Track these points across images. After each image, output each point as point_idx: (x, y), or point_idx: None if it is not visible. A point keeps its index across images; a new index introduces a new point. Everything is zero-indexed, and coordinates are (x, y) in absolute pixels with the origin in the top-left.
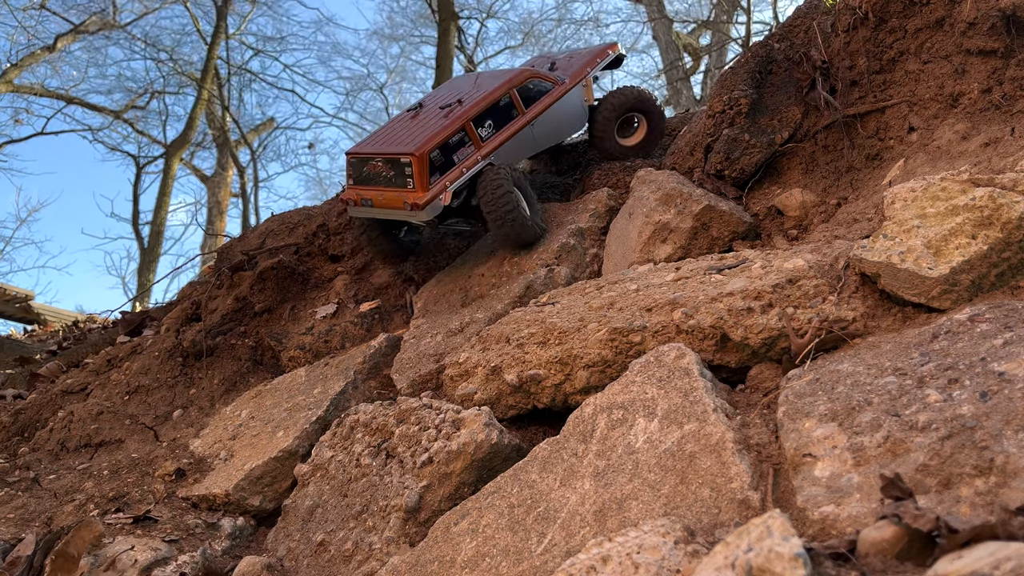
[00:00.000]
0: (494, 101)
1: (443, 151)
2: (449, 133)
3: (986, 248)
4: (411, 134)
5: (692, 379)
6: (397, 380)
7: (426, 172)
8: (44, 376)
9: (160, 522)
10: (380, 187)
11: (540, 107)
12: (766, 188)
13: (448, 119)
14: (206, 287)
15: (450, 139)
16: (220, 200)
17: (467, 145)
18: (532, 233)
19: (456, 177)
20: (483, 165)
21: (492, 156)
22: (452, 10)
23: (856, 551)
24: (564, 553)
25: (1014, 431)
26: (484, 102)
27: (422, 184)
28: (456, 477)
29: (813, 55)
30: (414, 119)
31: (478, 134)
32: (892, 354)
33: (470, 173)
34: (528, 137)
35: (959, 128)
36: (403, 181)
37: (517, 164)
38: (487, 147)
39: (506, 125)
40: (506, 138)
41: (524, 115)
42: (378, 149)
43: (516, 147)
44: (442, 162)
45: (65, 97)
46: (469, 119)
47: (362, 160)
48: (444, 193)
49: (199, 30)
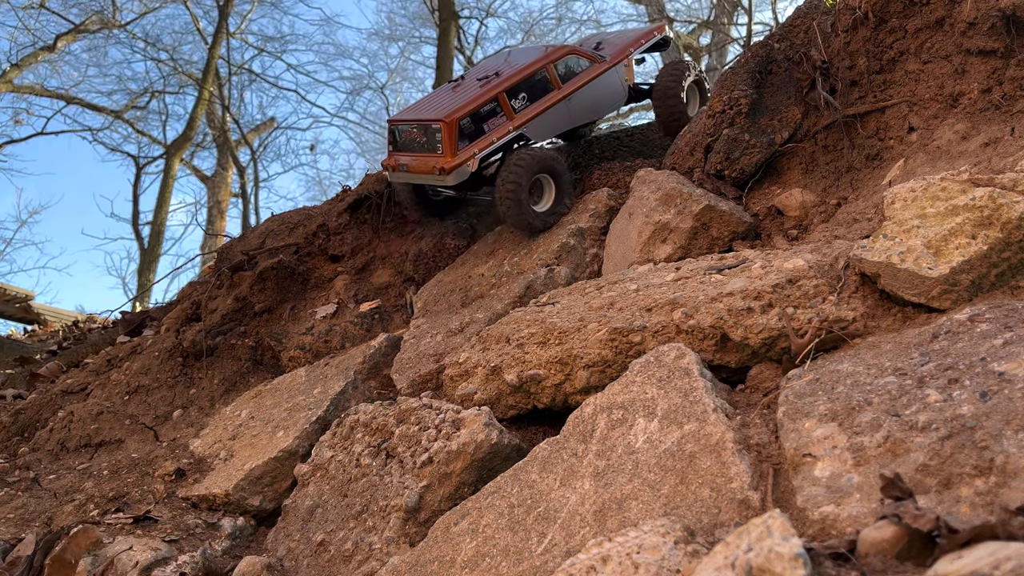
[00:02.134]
0: (529, 75)
1: (474, 120)
2: (481, 103)
3: (986, 248)
4: (446, 102)
5: (692, 379)
6: (397, 380)
7: (455, 138)
8: (44, 376)
9: (160, 522)
10: (414, 152)
11: (577, 83)
12: (766, 188)
13: (482, 89)
14: (206, 287)
15: (481, 108)
16: (220, 200)
17: (499, 115)
18: (527, 224)
19: (485, 145)
20: (514, 136)
21: (525, 128)
22: (453, 9)
23: (856, 551)
24: (564, 553)
25: (1014, 431)
26: (519, 75)
27: (450, 149)
28: (456, 477)
29: (813, 55)
30: (454, 90)
31: (511, 105)
32: (892, 354)
33: (500, 142)
34: (563, 112)
35: (959, 128)
36: (433, 146)
37: (551, 137)
38: (519, 119)
39: (541, 99)
40: (540, 111)
41: (560, 90)
42: (414, 116)
43: (550, 121)
44: (472, 130)
45: (65, 97)
46: (502, 90)
47: (400, 127)
48: (471, 160)
49: (199, 29)
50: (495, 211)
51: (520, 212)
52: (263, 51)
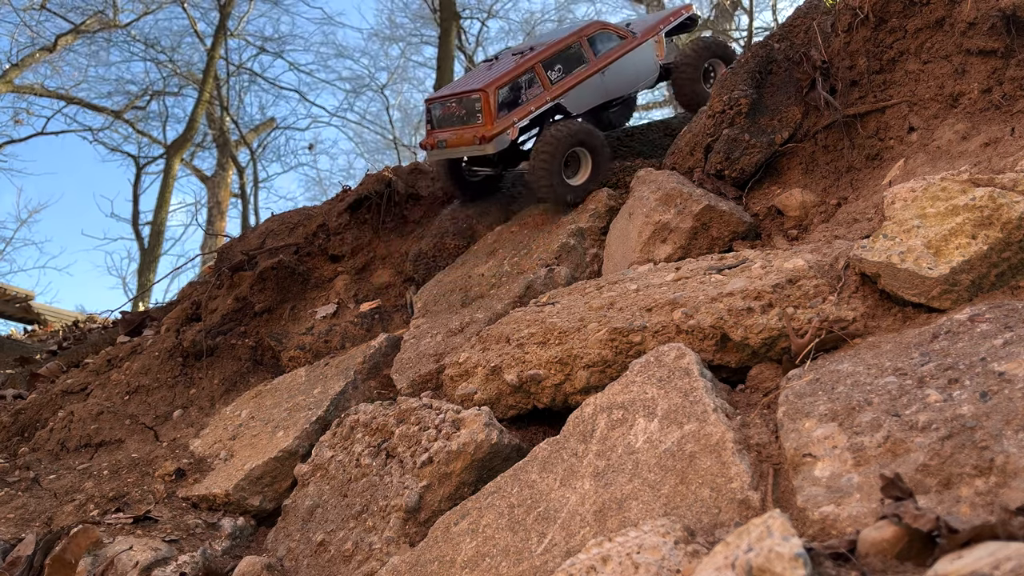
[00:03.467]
0: (564, 47)
1: (513, 91)
2: (518, 73)
3: (986, 248)
4: (484, 76)
5: (692, 379)
6: (397, 380)
7: (494, 107)
8: (44, 376)
9: (160, 522)
10: (453, 127)
11: (610, 57)
12: (766, 188)
13: (518, 62)
14: (206, 287)
15: (519, 79)
16: (220, 200)
17: (536, 86)
18: (559, 197)
19: (524, 114)
20: (551, 105)
21: (562, 99)
22: (454, 10)
23: (856, 551)
24: (564, 553)
25: (1014, 431)
26: (554, 48)
27: (490, 118)
28: (456, 477)
29: (813, 55)
30: (489, 68)
31: (548, 76)
32: (892, 354)
33: (538, 111)
34: (598, 84)
35: (959, 128)
36: (473, 117)
37: (587, 109)
38: (556, 89)
39: (575, 71)
40: (575, 83)
41: (593, 63)
42: (452, 91)
43: (586, 93)
44: (511, 100)
45: (65, 97)
46: (539, 61)
47: (437, 105)
48: (511, 128)
49: (196, 32)
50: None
51: (553, 184)
52: (263, 50)
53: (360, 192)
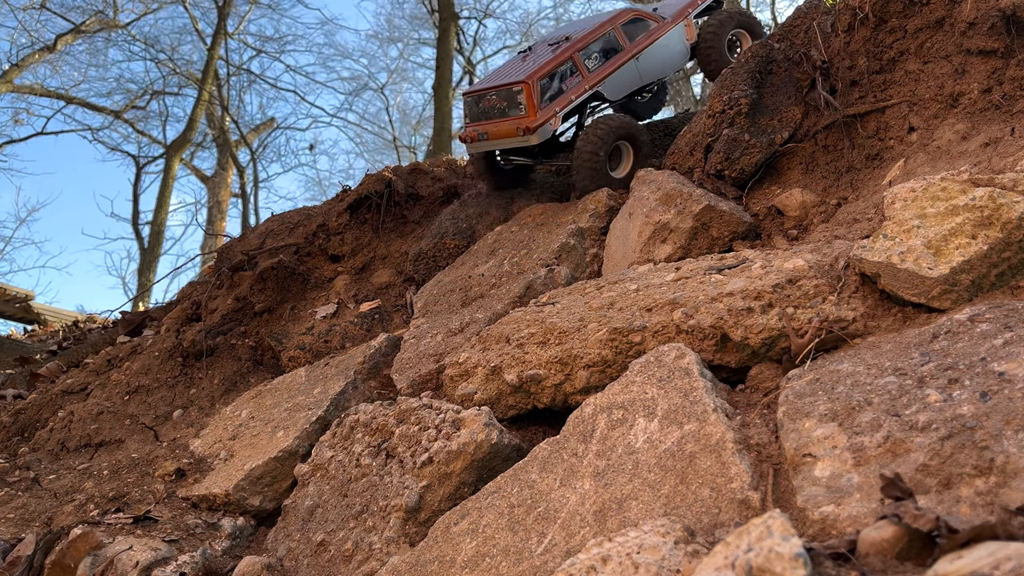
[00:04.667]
0: (599, 36)
1: (552, 81)
2: (558, 63)
3: (986, 248)
4: (522, 68)
5: (692, 379)
6: (397, 380)
7: (537, 97)
8: (44, 376)
9: (160, 522)
10: (494, 120)
11: (644, 43)
12: (766, 188)
13: (556, 52)
14: (206, 287)
15: (558, 69)
16: (220, 200)
17: (575, 75)
18: (596, 191)
19: (565, 104)
20: (591, 93)
21: (600, 87)
22: (452, 10)
23: (856, 551)
24: (564, 553)
25: (1014, 431)
26: (590, 36)
27: (533, 109)
28: (456, 477)
29: (813, 55)
30: (524, 60)
31: (585, 65)
32: (892, 354)
33: (578, 100)
34: (633, 70)
35: (959, 128)
36: (515, 108)
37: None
38: (594, 77)
39: (612, 59)
40: (613, 70)
41: (628, 49)
42: (492, 84)
43: (623, 79)
44: (551, 90)
45: (65, 97)
46: (576, 51)
47: (477, 97)
48: (554, 118)
49: (198, 31)
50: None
51: (597, 178)
52: (262, 51)
53: (360, 192)
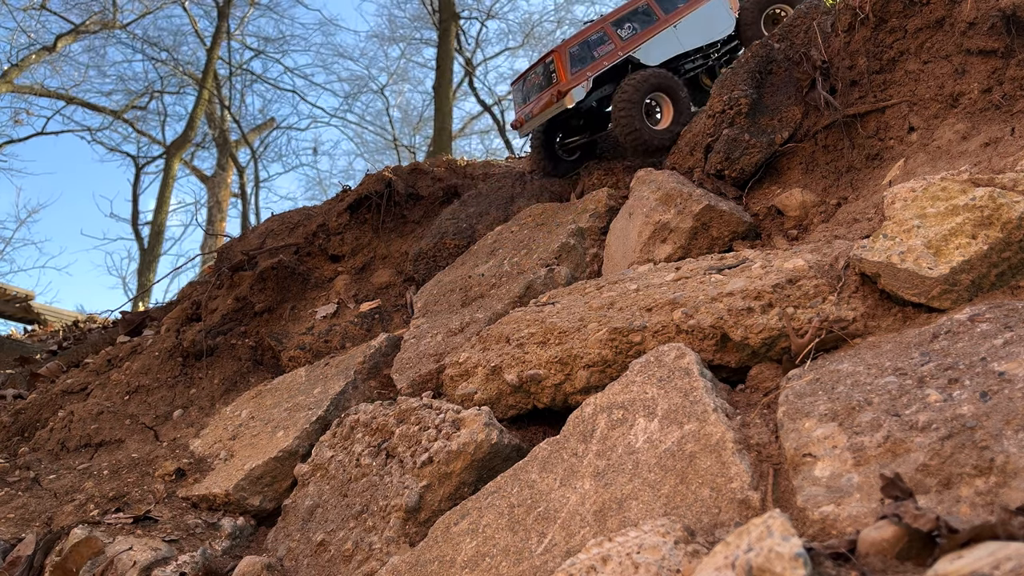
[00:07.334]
0: (632, 8)
1: (584, 48)
2: (588, 33)
3: (986, 248)
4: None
5: (692, 379)
6: (397, 380)
7: (567, 64)
8: (44, 376)
9: (160, 522)
10: (537, 96)
11: (684, 11)
12: (766, 188)
13: (588, 24)
14: (206, 287)
15: (589, 38)
16: (220, 200)
17: (607, 43)
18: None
19: (597, 68)
20: (624, 59)
21: (634, 52)
22: (453, 10)
23: (856, 551)
24: (564, 553)
25: (1014, 431)
26: (622, 9)
27: (564, 74)
28: (456, 477)
29: (813, 55)
30: None
31: (618, 35)
32: (892, 354)
33: (610, 64)
34: (672, 37)
35: (959, 128)
36: (550, 79)
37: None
38: (628, 45)
39: (647, 27)
40: (647, 38)
41: (663, 19)
42: (529, 65)
43: (660, 45)
44: (584, 57)
45: (65, 97)
46: (608, 22)
47: (522, 82)
48: (585, 81)
49: (197, 31)
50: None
51: (636, 131)
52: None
53: (360, 192)
